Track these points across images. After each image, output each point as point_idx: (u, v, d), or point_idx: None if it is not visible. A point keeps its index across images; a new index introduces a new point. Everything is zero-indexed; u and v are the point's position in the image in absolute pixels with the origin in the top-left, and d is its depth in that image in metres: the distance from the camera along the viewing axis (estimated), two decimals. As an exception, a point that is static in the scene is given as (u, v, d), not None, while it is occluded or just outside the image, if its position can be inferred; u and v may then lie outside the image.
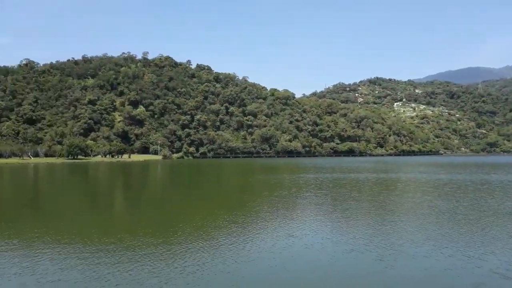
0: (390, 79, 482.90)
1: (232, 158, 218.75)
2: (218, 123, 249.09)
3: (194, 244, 16.13)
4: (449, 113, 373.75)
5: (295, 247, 15.60)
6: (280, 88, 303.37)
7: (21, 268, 13.05)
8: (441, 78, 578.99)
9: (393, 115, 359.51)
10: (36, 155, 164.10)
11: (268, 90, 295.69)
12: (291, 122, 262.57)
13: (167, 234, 18.22)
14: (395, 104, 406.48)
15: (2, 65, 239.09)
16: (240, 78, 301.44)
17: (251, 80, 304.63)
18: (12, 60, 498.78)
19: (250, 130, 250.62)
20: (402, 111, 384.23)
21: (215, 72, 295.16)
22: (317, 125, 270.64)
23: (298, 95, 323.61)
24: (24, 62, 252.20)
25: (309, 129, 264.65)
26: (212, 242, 16.47)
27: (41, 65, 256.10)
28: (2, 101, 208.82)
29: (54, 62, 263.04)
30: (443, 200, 28.79)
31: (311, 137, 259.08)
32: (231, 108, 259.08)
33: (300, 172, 69.63)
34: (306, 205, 27.35)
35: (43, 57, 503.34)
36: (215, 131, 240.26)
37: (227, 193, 40.49)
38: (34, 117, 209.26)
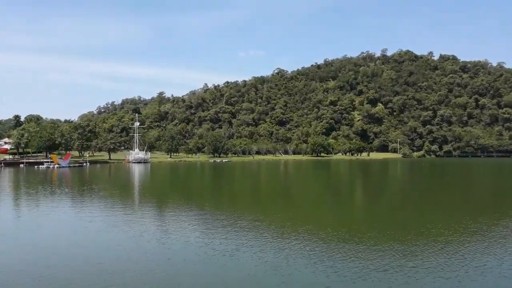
0: None
1: (484, 157, 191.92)
2: (465, 118, 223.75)
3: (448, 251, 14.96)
4: None
5: None
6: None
7: (264, 248, 14.98)
8: None
9: None
10: (285, 152, 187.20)
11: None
12: None
13: (409, 236, 17.53)
14: None
15: (259, 76, 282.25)
16: (494, 64, 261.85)
17: (508, 66, 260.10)
18: (266, 70, 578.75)
19: (507, 124, 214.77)
20: None
21: (462, 61, 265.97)
22: None
23: None
24: (276, 71, 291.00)
25: None
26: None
27: (289, 72, 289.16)
28: (260, 106, 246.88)
29: (300, 68, 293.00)
30: None
31: None
32: (482, 100, 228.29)
33: None
34: None
35: (291, 64, 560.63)
36: (462, 127, 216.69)
37: (489, 199, 35.72)
38: (284, 119, 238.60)
